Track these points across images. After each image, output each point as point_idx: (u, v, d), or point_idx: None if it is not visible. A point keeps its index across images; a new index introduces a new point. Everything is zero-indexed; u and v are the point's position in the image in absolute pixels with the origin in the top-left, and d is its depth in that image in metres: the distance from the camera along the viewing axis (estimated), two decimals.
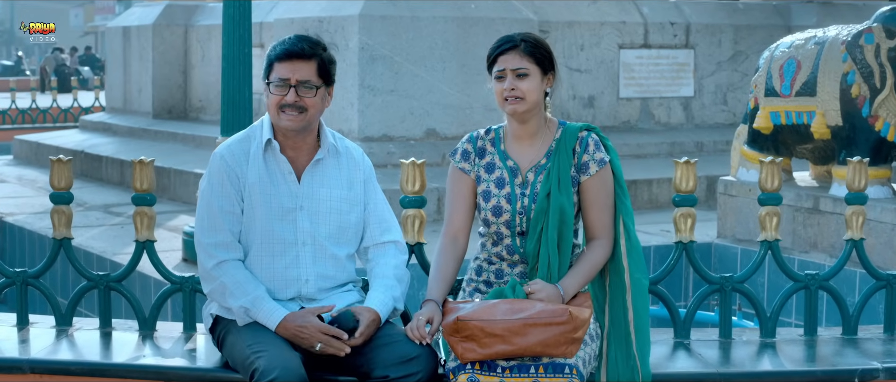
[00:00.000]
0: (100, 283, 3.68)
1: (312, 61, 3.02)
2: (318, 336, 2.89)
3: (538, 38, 3.08)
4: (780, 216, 3.79)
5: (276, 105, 3.03)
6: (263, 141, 3.08)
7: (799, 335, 3.81)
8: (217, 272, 3.04)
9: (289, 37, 3.10)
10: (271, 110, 3.05)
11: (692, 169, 3.68)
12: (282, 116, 3.03)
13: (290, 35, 3.12)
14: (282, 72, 3.02)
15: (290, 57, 3.01)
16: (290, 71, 3.01)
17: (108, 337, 3.62)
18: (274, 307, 2.98)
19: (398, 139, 8.09)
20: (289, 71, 3.01)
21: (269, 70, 3.06)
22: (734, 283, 3.75)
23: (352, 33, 8.07)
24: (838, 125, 6.02)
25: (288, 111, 3.02)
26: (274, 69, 3.04)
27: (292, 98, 3.01)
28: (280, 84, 3.02)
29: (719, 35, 9.87)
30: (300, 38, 3.07)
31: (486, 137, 3.13)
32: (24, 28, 8.12)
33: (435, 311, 2.99)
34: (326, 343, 2.89)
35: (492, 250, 3.12)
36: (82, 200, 8.54)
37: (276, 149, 3.08)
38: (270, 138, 3.07)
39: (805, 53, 6.25)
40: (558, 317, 2.83)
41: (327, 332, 2.90)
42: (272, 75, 3.04)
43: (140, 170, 3.60)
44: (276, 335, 2.95)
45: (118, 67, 11.88)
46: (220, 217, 3.05)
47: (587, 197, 3.06)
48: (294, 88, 3.01)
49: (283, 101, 3.01)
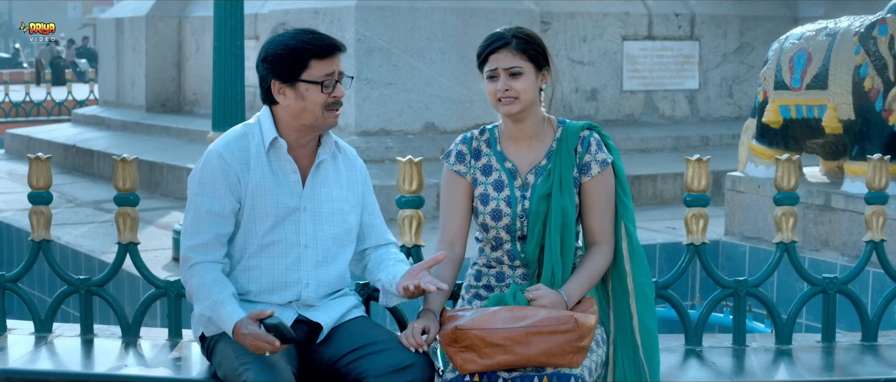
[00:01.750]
0: (80, 287, 3.61)
1: (342, 52, 2.93)
2: (258, 343, 2.74)
3: (530, 32, 2.97)
4: (796, 217, 3.65)
5: (323, 104, 2.89)
6: (267, 140, 2.93)
7: (816, 341, 3.74)
8: (188, 274, 2.93)
9: (292, 33, 2.92)
10: (313, 111, 2.89)
11: (704, 167, 3.59)
12: (328, 114, 2.90)
13: (290, 28, 2.97)
14: (326, 67, 2.88)
15: (332, 50, 2.89)
16: (333, 65, 2.89)
17: (90, 345, 3.55)
18: (232, 312, 2.83)
19: (396, 134, 8.04)
20: (332, 65, 2.89)
21: (302, 68, 2.87)
22: (748, 287, 3.67)
23: (348, 24, 8.01)
24: (851, 120, 5.94)
25: (335, 108, 2.91)
26: (312, 66, 2.87)
27: (341, 92, 2.91)
28: (329, 82, 2.88)
29: (725, 26, 9.85)
30: (309, 31, 2.93)
31: (480, 138, 3.02)
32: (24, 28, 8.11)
33: (432, 320, 2.88)
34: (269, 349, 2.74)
35: (491, 255, 3.02)
36: (72, 195, 8.48)
37: (283, 148, 2.94)
38: (276, 137, 2.93)
39: (816, 44, 6.16)
40: (563, 325, 2.74)
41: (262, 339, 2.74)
42: (311, 73, 2.87)
43: (122, 169, 3.52)
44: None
45: (111, 59, 11.87)
46: (205, 220, 2.92)
47: (588, 200, 2.95)
48: (338, 82, 2.90)
49: (332, 97, 2.89)
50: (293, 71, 2.87)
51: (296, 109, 2.89)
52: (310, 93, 2.87)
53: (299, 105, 2.89)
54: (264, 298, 2.96)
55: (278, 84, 2.89)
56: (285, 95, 2.89)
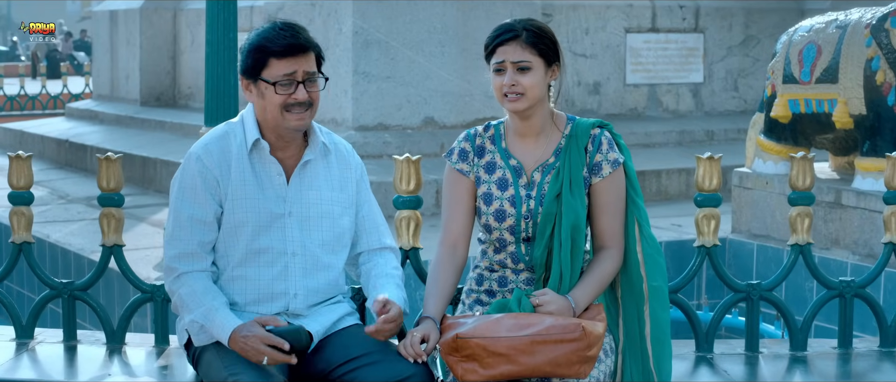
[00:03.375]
0: (63, 291, 3.52)
1: (311, 51, 2.78)
2: (260, 347, 2.64)
3: (541, 25, 2.84)
4: (812, 217, 3.52)
5: (281, 105, 2.75)
6: (249, 141, 2.80)
7: (832, 347, 3.64)
8: (176, 285, 2.82)
9: (269, 26, 2.79)
10: (271, 111, 2.76)
11: (715, 165, 3.47)
12: (288, 116, 2.76)
13: (266, 23, 2.84)
14: (285, 67, 2.74)
15: (294, 50, 2.74)
16: (296, 64, 2.74)
17: (73, 352, 3.46)
18: (227, 319, 2.72)
19: (394, 128, 7.96)
20: (293, 65, 2.74)
21: (261, 66, 2.75)
22: (762, 291, 3.55)
23: (345, 16, 7.90)
24: (862, 114, 5.84)
25: (295, 110, 2.76)
26: (271, 65, 2.74)
27: (303, 95, 2.75)
28: (285, 82, 2.74)
29: (730, 18, 9.77)
30: (287, 25, 2.78)
31: (484, 135, 2.90)
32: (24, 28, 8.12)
33: (432, 329, 2.75)
34: (270, 355, 2.64)
35: (494, 257, 2.89)
36: (65, 191, 8.39)
37: (265, 150, 2.81)
38: (258, 138, 2.80)
39: (826, 37, 6.06)
40: (570, 333, 2.63)
41: (269, 341, 2.64)
42: (270, 72, 2.74)
43: (107, 167, 3.42)
44: None
45: (105, 52, 11.82)
46: (188, 227, 2.81)
47: (598, 201, 2.83)
48: (302, 84, 2.75)
49: (291, 99, 2.74)
50: (254, 68, 2.77)
51: (259, 107, 2.80)
52: (267, 92, 2.76)
53: (260, 104, 2.79)
54: (251, 309, 2.83)
55: (244, 80, 2.80)
56: (250, 92, 2.80)
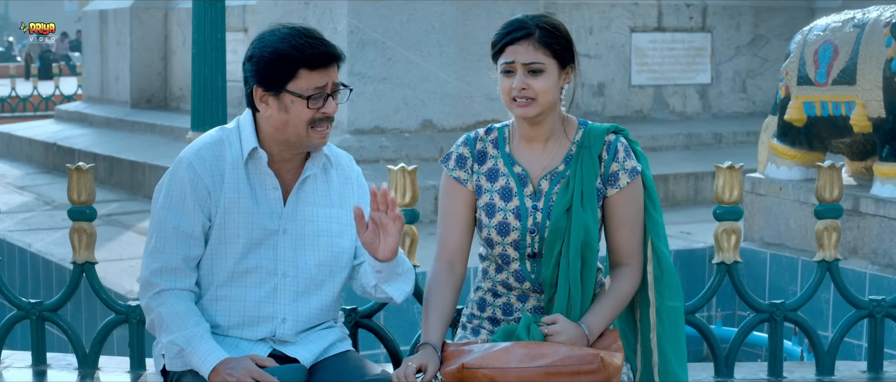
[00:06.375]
0: (31, 313, 3.30)
1: (341, 60, 2.56)
2: (248, 379, 2.44)
3: (556, 22, 2.59)
4: (839, 231, 3.28)
5: (308, 121, 2.51)
6: (245, 149, 2.56)
7: (861, 371, 3.46)
8: (154, 302, 2.57)
9: (289, 32, 2.53)
10: (296, 126, 2.51)
11: (737, 176, 3.24)
12: (314, 133, 2.53)
13: (278, 28, 2.56)
14: (318, 79, 2.50)
15: (327, 61, 2.51)
16: (327, 76, 2.52)
17: (43, 377, 3.29)
18: (211, 349, 2.50)
19: (391, 132, 7.79)
20: (325, 77, 2.51)
21: (288, 77, 2.49)
22: (786, 311, 3.34)
23: (340, 16, 7.72)
24: (881, 117, 5.61)
25: (320, 126, 2.53)
26: (301, 77, 2.49)
27: (333, 108, 2.54)
28: (317, 95, 2.50)
29: (738, 18, 9.63)
30: (310, 31, 2.54)
31: (486, 138, 2.67)
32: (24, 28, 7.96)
33: (431, 357, 2.52)
34: None
35: (496, 277, 2.65)
36: (50, 197, 8.21)
37: (263, 160, 2.57)
38: (256, 147, 2.56)
39: (843, 36, 5.83)
40: (587, 364, 2.45)
41: (257, 377, 2.44)
42: (299, 84, 2.49)
43: (77, 178, 3.22)
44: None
45: (95, 53, 11.69)
46: (173, 239, 2.56)
47: (615, 215, 2.61)
48: (331, 97, 2.53)
49: (320, 113, 2.51)
50: (278, 79, 2.50)
51: (278, 121, 2.53)
52: (295, 106, 2.50)
53: (282, 118, 2.52)
54: (234, 333, 2.59)
55: (261, 91, 2.53)
56: (268, 105, 2.53)
